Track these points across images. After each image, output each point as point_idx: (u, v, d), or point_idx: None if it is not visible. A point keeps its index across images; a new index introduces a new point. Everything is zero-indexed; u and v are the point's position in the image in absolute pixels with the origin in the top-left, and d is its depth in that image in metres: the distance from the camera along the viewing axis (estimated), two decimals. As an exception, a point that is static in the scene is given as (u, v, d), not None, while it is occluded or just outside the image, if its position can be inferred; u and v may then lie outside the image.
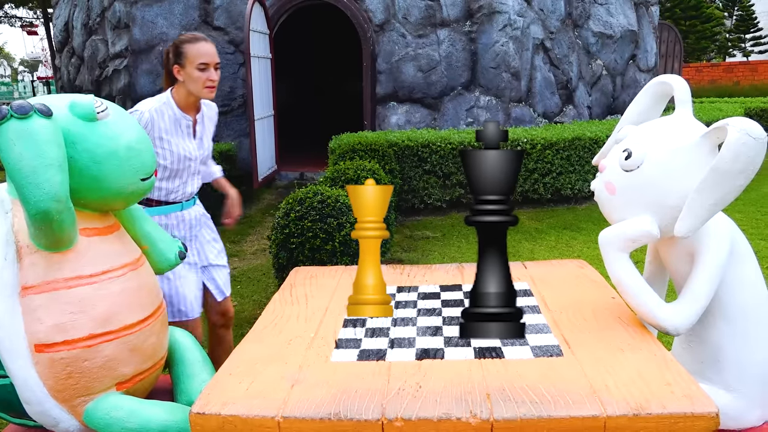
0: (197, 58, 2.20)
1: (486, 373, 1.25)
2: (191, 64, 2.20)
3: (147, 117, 2.20)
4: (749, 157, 1.28)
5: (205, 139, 2.42)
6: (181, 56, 2.22)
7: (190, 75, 2.21)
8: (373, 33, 6.73)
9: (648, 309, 1.43)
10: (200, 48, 2.21)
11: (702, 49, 25.66)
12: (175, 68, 2.23)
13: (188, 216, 2.39)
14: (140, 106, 2.22)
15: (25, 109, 1.38)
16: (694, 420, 1.07)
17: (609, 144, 1.70)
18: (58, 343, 1.49)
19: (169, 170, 2.29)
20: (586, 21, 7.72)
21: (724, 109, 8.99)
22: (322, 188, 3.63)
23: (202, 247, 2.47)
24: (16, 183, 1.38)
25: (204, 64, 2.20)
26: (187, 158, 2.31)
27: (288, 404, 1.17)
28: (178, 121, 2.28)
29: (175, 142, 2.27)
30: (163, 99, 2.28)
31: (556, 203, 6.34)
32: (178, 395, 1.78)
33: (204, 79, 2.21)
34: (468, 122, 6.74)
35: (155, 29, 6.94)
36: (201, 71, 2.21)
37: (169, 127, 2.26)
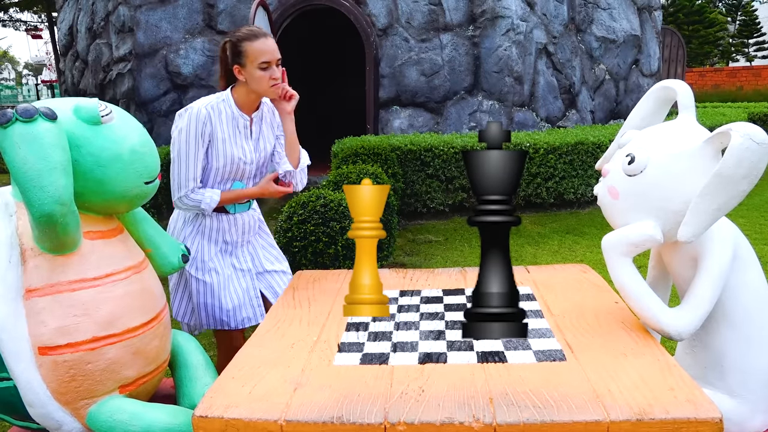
0: (259, 57, 2.03)
1: (489, 378, 1.25)
2: (252, 63, 2.03)
3: (204, 114, 2.05)
4: (752, 162, 1.28)
5: (262, 142, 2.22)
6: (240, 56, 2.05)
7: (252, 75, 2.05)
8: (376, 37, 6.75)
9: (651, 314, 1.43)
10: (260, 46, 2.03)
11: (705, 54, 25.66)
12: (235, 69, 2.07)
13: (241, 220, 2.24)
14: (195, 103, 2.09)
15: (30, 112, 1.39)
16: (698, 425, 1.07)
17: (612, 149, 1.70)
18: (62, 346, 1.50)
19: (220, 172, 2.13)
20: (589, 26, 7.72)
21: (727, 113, 8.98)
22: (325, 192, 3.63)
23: (256, 253, 2.32)
24: (21, 186, 1.39)
25: (266, 62, 2.04)
26: (241, 161, 2.14)
27: (291, 408, 1.17)
28: (235, 121, 2.12)
29: (229, 143, 2.11)
30: (221, 97, 2.13)
31: (559, 208, 6.34)
32: (181, 398, 1.78)
33: (267, 78, 2.05)
34: (471, 126, 6.74)
35: (159, 33, 6.97)
36: (263, 70, 2.04)
37: (225, 127, 2.10)
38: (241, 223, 2.23)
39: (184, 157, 2.05)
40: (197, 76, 6.93)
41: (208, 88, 6.94)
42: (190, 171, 2.05)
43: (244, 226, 2.25)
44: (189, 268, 2.16)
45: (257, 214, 2.35)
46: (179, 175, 2.06)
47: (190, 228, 2.18)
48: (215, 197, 2.09)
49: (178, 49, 6.93)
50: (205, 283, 2.14)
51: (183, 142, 2.04)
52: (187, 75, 6.93)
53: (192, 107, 2.06)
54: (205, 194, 2.09)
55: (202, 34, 6.95)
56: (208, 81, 6.94)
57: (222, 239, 2.19)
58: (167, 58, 6.96)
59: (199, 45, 6.92)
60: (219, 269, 2.17)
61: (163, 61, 6.97)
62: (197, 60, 6.92)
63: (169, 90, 7.02)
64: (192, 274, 2.15)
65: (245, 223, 2.25)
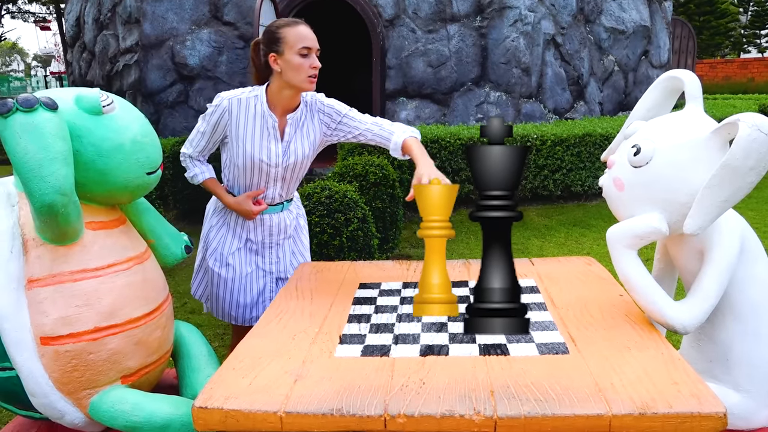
0: (299, 42, 1.88)
1: (490, 370, 1.24)
2: (291, 49, 1.88)
3: (226, 104, 1.96)
4: (761, 153, 1.25)
5: (294, 146, 2.04)
6: (278, 42, 1.90)
7: (290, 62, 1.89)
8: (383, 28, 6.71)
9: (656, 307, 1.42)
10: (301, 31, 1.90)
11: (716, 45, 25.39)
12: (271, 57, 1.91)
13: (269, 222, 2.13)
14: (226, 92, 2.00)
15: (31, 102, 1.39)
16: (701, 420, 1.06)
17: (618, 140, 1.67)
18: (64, 336, 1.50)
19: (243, 172, 2.03)
20: (598, 16, 7.65)
21: (737, 105, 8.89)
22: (330, 183, 3.62)
23: (284, 257, 2.21)
24: (22, 176, 1.39)
25: (306, 48, 1.89)
26: (264, 163, 2.01)
27: (291, 399, 1.16)
28: (264, 120, 1.98)
29: (251, 142, 1.98)
30: (255, 92, 1.99)
31: (565, 200, 6.30)
32: (184, 389, 1.79)
33: (307, 66, 1.89)
34: (478, 118, 6.71)
35: (165, 24, 6.96)
36: (303, 57, 1.89)
37: (250, 123, 1.97)
38: (268, 224, 2.14)
39: (200, 129, 2.04)
40: (203, 67, 6.92)
41: (214, 79, 6.93)
42: (195, 140, 2.06)
43: (272, 228, 2.15)
44: (209, 258, 2.15)
45: (294, 218, 2.23)
46: (190, 138, 2.08)
47: (217, 218, 2.16)
48: (200, 178, 2.09)
49: (185, 40, 6.92)
50: (220, 276, 2.13)
51: (202, 118, 2.03)
52: (194, 66, 6.93)
53: (222, 95, 1.99)
54: (195, 169, 2.10)
55: (208, 25, 6.93)
56: (215, 72, 6.93)
57: (246, 236, 2.14)
58: (174, 50, 6.96)
59: (205, 36, 6.91)
60: (237, 265, 2.13)
61: (170, 52, 6.97)
62: (204, 51, 6.91)
63: (175, 81, 7.02)
64: (210, 265, 2.15)
65: (274, 225, 2.15)
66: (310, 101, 2.07)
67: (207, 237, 2.17)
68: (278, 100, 1.98)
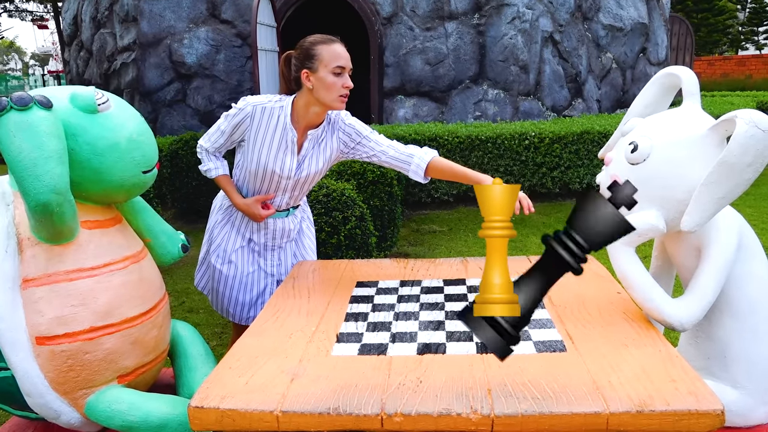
0: (333, 61, 1.87)
1: (488, 368, 1.23)
2: (326, 67, 1.87)
3: (249, 110, 1.95)
4: (758, 150, 1.25)
5: (308, 162, 2.04)
6: (313, 59, 1.89)
7: (323, 81, 1.88)
8: (381, 26, 6.70)
9: (654, 304, 1.41)
10: (336, 49, 1.90)
11: (714, 42, 25.39)
12: (303, 73, 1.90)
13: (273, 226, 2.13)
14: (253, 97, 1.98)
15: (25, 100, 1.38)
16: (699, 417, 1.05)
17: (615, 137, 1.67)
18: (59, 336, 1.49)
19: (253, 178, 2.03)
20: (596, 14, 7.64)
21: (735, 102, 8.88)
22: (328, 181, 3.62)
23: (285, 260, 2.21)
24: (16, 175, 1.38)
25: (341, 67, 1.89)
26: (277, 174, 2.01)
27: (287, 398, 1.16)
28: (284, 132, 1.97)
29: (267, 152, 1.98)
30: (282, 102, 1.98)
31: (564, 197, 6.30)
32: (180, 388, 1.78)
33: (339, 85, 1.89)
34: (476, 116, 6.70)
35: (163, 22, 6.94)
36: (337, 76, 1.89)
37: (270, 133, 1.97)
38: (272, 228, 2.13)
39: (221, 127, 2.01)
40: (201, 66, 6.91)
41: (212, 77, 6.92)
42: (214, 136, 2.03)
43: (276, 232, 2.15)
44: (212, 254, 2.14)
45: (298, 222, 2.23)
46: (209, 132, 2.06)
47: (223, 214, 2.16)
48: (213, 173, 2.08)
49: (182, 38, 6.90)
50: (221, 273, 2.12)
51: (223, 116, 2.02)
52: (191, 64, 6.91)
53: (248, 100, 1.97)
54: (210, 163, 2.08)
55: (206, 24, 6.91)
56: (212, 71, 6.92)
57: (249, 236, 2.13)
58: (171, 48, 6.94)
59: (203, 34, 6.90)
60: (240, 263, 2.13)
61: (167, 50, 6.95)
62: (201, 49, 6.89)
63: (173, 80, 7.01)
64: (212, 261, 2.14)
65: (278, 229, 2.15)
66: (333, 119, 2.07)
67: (212, 231, 2.17)
68: (304, 115, 1.98)
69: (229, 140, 2.03)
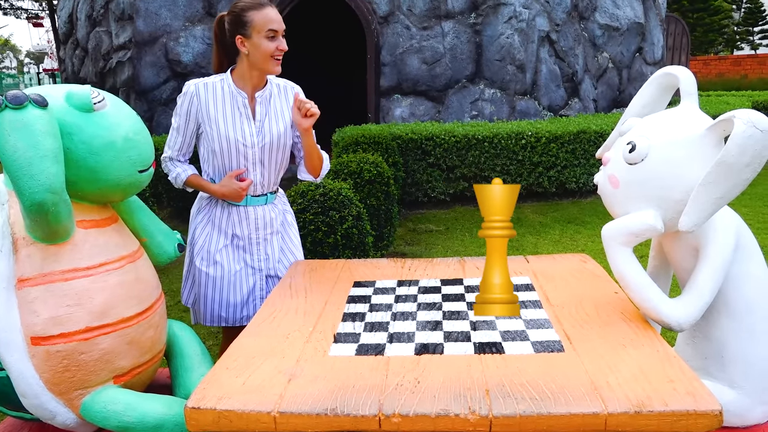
0: (266, 25, 1.91)
1: (485, 369, 1.23)
2: (259, 32, 1.91)
3: (192, 89, 1.98)
4: (756, 150, 1.25)
5: (269, 124, 2.06)
6: (245, 25, 1.92)
7: (257, 45, 1.92)
8: (378, 25, 6.69)
9: (651, 304, 1.41)
10: (268, 13, 1.92)
11: (710, 42, 25.46)
12: (237, 39, 1.94)
13: (253, 215, 2.10)
14: (188, 82, 2.02)
15: (20, 99, 1.37)
16: (697, 417, 1.05)
17: (613, 136, 1.67)
18: (55, 336, 1.48)
19: (221, 156, 2.02)
20: (593, 13, 7.65)
21: (731, 102, 8.91)
22: (325, 181, 3.61)
23: (273, 254, 2.17)
24: (11, 174, 1.37)
25: (273, 30, 1.92)
26: (240, 143, 2.00)
27: (284, 399, 1.15)
28: (233, 99, 2.01)
29: (224, 123, 1.99)
30: (222, 76, 2.04)
31: (560, 197, 6.30)
32: (177, 389, 1.77)
33: (273, 48, 1.93)
34: (472, 115, 6.70)
35: (159, 20, 6.91)
36: (270, 39, 1.92)
37: (219, 104, 1.99)
38: (254, 217, 2.11)
39: (174, 126, 2.05)
40: (197, 64, 6.88)
41: (208, 75, 6.90)
42: (172, 140, 2.07)
43: (257, 221, 2.12)
44: (196, 257, 2.10)
45: (280, 212, 2.20)
46: (167, 141, 2.08)
47: (202, 216, 2.12)
48: (183, 176, 2.07)
49: (178, 36, 6.88)
50: (208, 275, 2.08)
51: (174, 114, 2.04)
52: (187, 63, 6.89)
53: (188, 83, 2.01)
54: (177, 169, 2.09)
55: (202, 22, 6.89)
56: (209, 69, 6.89)
57: (232, 232, 2.10)
58: (167, 46, 6.92)
59: (199, 33, 6.87)
60: (225, 263, 2.09)
61: (163, 49, 6.92)
62: (197, 48, 6.87)
63: (169, 78, 6.98)
64: (197, 264, 2.09)
65: (259, 218, 2.12)
66: (283, 86, 2.13)
67: (193, 237, 2.12)
68: (248, 79, 2.01)
69: (187, 134, 2.04)
